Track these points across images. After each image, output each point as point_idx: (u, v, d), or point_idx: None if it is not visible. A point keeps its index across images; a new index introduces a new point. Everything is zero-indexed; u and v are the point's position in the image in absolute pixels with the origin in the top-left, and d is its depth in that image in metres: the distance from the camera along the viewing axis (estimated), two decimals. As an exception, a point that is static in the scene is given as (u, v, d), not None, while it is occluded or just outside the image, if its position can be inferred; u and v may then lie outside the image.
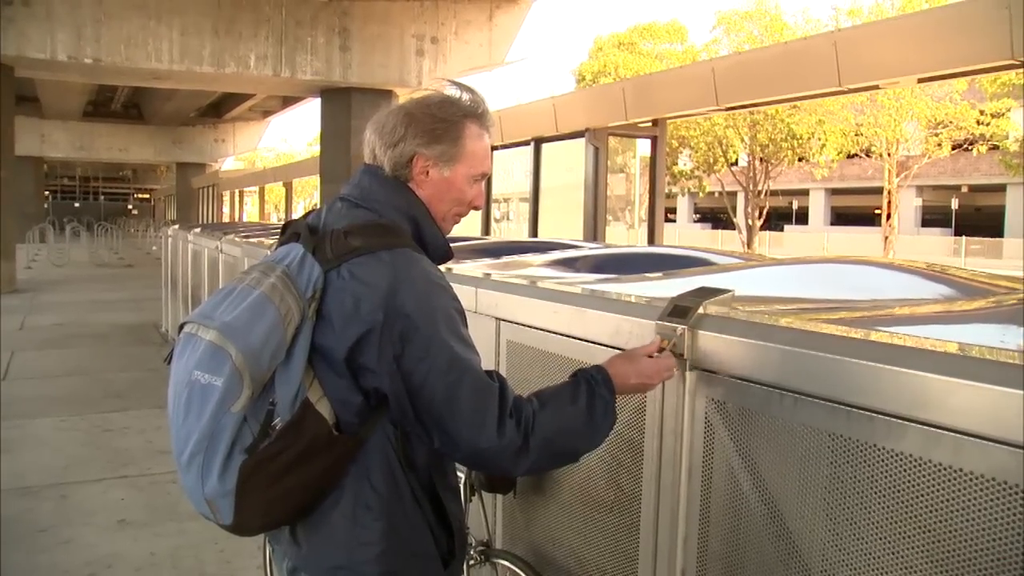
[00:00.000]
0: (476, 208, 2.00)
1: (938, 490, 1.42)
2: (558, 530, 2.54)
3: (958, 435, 1.38)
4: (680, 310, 1.97)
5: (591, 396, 1.82)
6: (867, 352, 1.58)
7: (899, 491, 1.48)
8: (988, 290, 2.62)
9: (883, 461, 1.51)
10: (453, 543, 1.92)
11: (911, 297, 2.59)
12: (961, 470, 1.38)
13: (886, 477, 1.50)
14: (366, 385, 1.73)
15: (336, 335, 1.72)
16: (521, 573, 2.47)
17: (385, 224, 1.83)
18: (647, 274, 3.07)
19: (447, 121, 1.87)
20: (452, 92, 1.92)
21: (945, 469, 1.41)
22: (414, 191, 1.89)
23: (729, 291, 2.05)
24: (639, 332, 2.07)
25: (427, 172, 1.88)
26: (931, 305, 2.43)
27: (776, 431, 1.74)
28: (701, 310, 1.94)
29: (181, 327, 1.81)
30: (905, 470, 1.47)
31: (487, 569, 2.65)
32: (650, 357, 1.90)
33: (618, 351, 2.16)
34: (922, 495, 1.44)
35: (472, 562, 2.60)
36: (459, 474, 2.64)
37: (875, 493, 1.53)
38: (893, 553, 1.49)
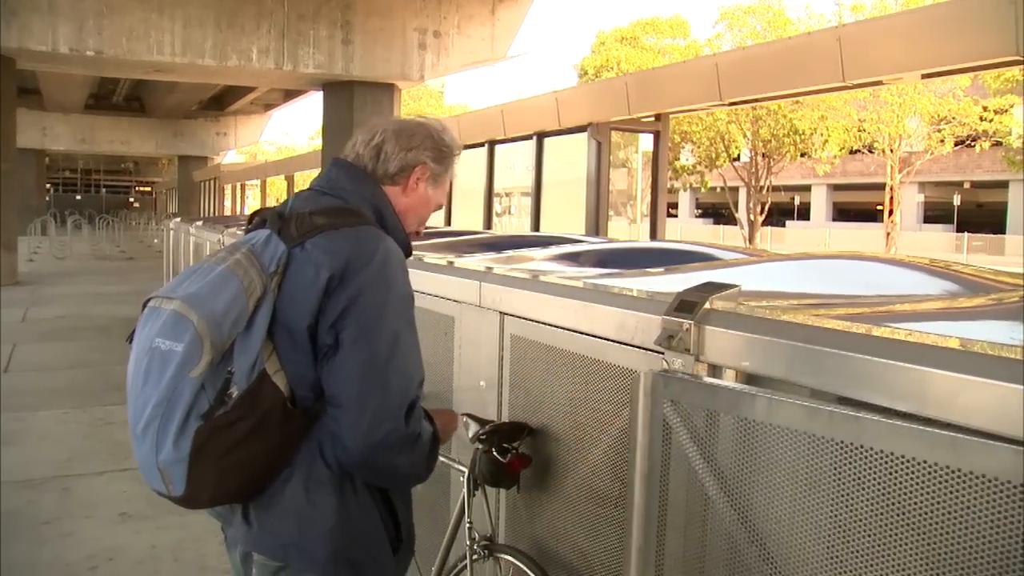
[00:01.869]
0: (419, 233, 2.16)
1: (933, 492, 1.40)
2: (561, 525, 2.53)
3: (956, 434, 1.37)
4: (686, 305, 1.96)
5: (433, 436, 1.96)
6: (874, 348, 1.57)
7: (893, 493, 1.46)
8: (992, 286, 2.62)
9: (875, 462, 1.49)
10: (400, 530, 1.97)
11: (916, 293, 2.58)
12: (959, 470, 1.36)
13: (878, 478, 1.49)
14: (322, 356, 1.80)
15: (298, 307, 1.79)
16: (524, 568, 2.47)
17: (350, 208, 1.94)
18: (651, 269, 3.07)
19: (449, 151, 2.11)
20: (449, 132, 2.15)
21: (942, 469, 1.39)
22: (380, 187, 2.03)
23: (735, 286, 2.05)
24: (645, 327, 2.06)
25: (419, 183, 2.06)
26: (936, 301, 2.42)
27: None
28: (707, 305, 1.93)
29: (145, 304, 1.87)
30: (898, 471, 1.46)
31: (490, 564, 2.65)
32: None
33: (623, 345, 2.16)
34: (916, 497, 1.43)
35: (475, 557, 2.60)
36: (462, 468, 2.64)
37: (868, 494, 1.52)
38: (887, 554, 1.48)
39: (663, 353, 1.99)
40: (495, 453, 2.48)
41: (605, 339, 2.25)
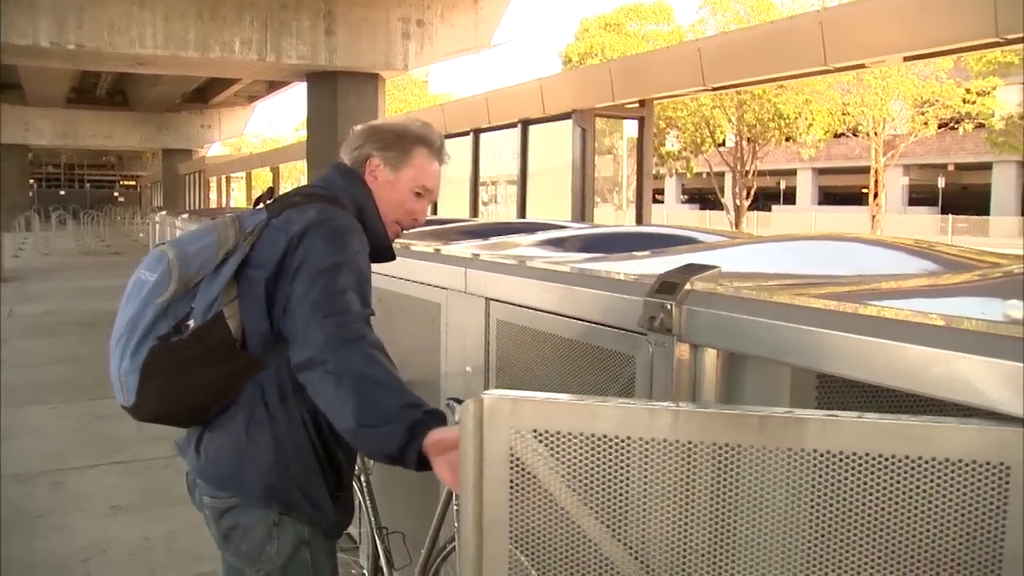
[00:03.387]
0: (417, 223, 2.34)
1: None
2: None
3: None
4: (668, 286, 1.99)
5: (410, 418, 1.80)
6: (852, 325, 1.61)
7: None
8: (973, 265, 2.66)
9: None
10: (340, 482, 2.17)
11: (897, 272, 2.62)
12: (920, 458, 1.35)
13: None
14: (276, 311, 2.01)
15: (263, 263, 2.02)
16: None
17: (329, 195, 2.19)
18: (635, 252, 3.10)
19: (401, 136, 2.27)
20: (412, 122, 2.33)
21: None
22: (367, 185, 2.24)
23: (716, 267, 2.08)
24: (628, 309, 2.09)
25: (376, 175, 2.25)
26: (915, 280, 2.46)
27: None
28: (688, 286, 1.96)
29: None
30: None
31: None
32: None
33: (607, 328, 2.19)
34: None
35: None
36: None
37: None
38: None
39: (646, 334, 2.02)
40: None
41: (589, 322, 2.28)
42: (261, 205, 2.19)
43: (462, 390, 2.94)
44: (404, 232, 2.36)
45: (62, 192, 69.73)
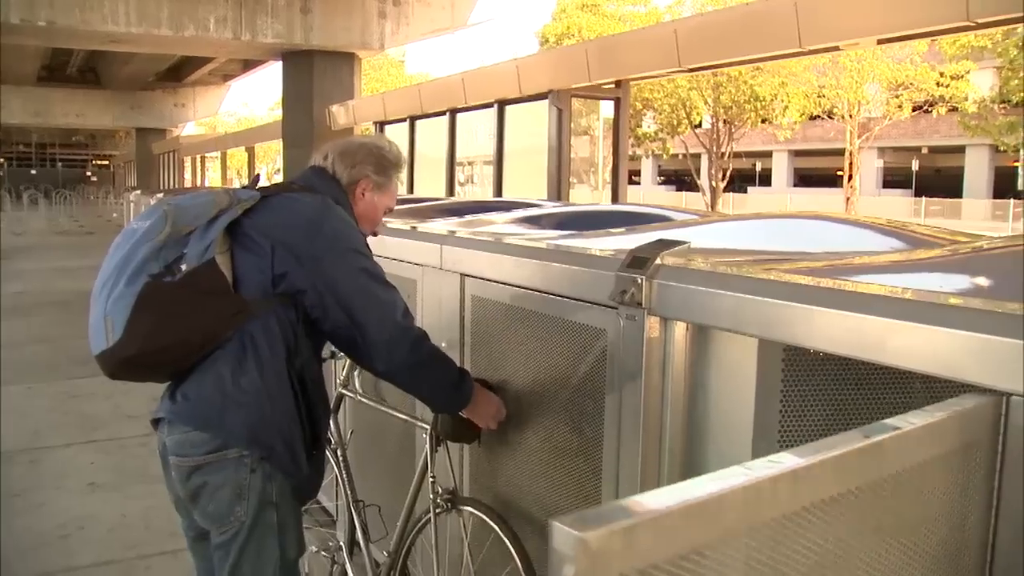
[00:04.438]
0: (375, 234, 2.59)
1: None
2: (523, 477, 2.62)
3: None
4: (638, 261, 2.04)
5: (461, 378, 2.41)
6: (816, 298, 1.66)
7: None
8: (935, 243, 2.73)
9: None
10: (316, 441, 2.31)
11: (862, 249, 2.68)
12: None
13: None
14: (278, 271, 2.15)
15: (265, 227, 2.18)
16: (485, 518, 2.55)
17: (320, 192, 2.37)
18: (608, 230, 3.14)
19: (389, 163, 2.52)
20: (393, 147, 2.58)
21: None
22: (351, 201, 2.45)
23: (685, 243, 2.13)
24: (600, 283, 2.14)
25: (364, 193, 2.47)
26: (880, 256, 2.52)
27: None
28: (659, 260, 2.01)
29: None
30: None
31: (453, 516, 2.73)
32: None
33: (579, 302, 2.24)
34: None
35: (439, 510, 2.68)
36: (424, 424, 2.72)
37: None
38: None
39: (617, 308, 2.07)
40: None
41: (562, 296, 2.33)
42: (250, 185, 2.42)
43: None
44: None
45: (33, 171, 68.66)
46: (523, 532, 2.45)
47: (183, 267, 2.10)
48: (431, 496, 2.69)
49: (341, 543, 3.38)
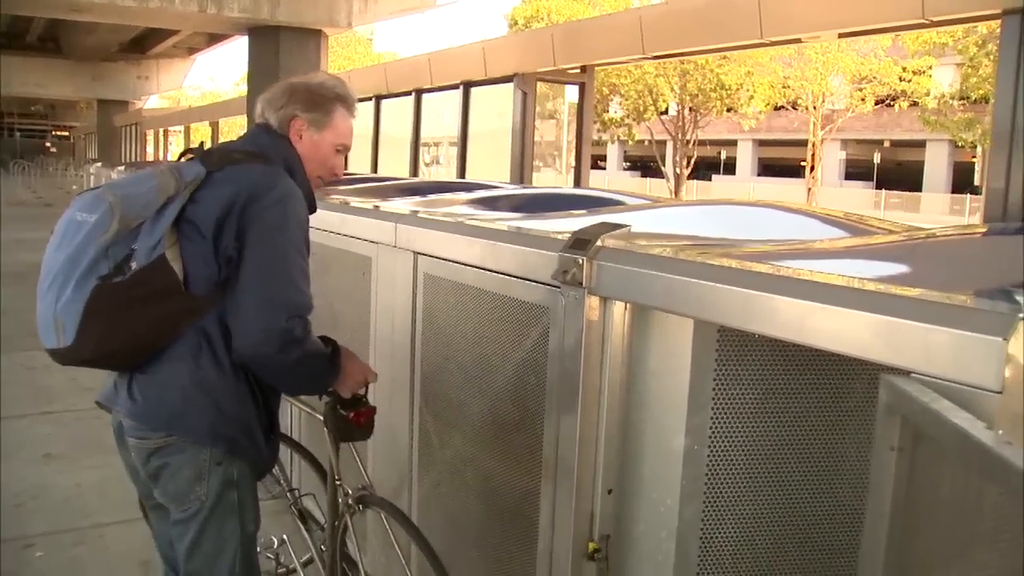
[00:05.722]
0: (337, 177, 2.50)
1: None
2: (470, 450, 2.70)
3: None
4: (580, 243, 2.13)
5: (326, 369, 2.28)
6: (746, 281, 1.76)
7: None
8: (874, 233, 2.84)
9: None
10: (272, 424, 2.34)
11: (803, 237, 2.79)
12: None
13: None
14: (221, 257, 2.10)
15: (208, 212, 2.10)
16: (390, 521, 2.57)
17: (264, 154, 2.28)
18: (559, 212, 3.23)
19: (322, 96, 2.37)
20: (327, 79, 2.43)
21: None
22: (293, 145, 2.35)
23: (627, 226, 2.22)
24: (544, 263, 2.22)
25: (301, 134, 2.35)
26: (817, 244, 2.63)
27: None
28: (599, 242, 2.10)
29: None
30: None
31: (370, 515, 2.75)
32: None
33: (525, 281, 2.33)
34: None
35: (352, 512, 2.68)
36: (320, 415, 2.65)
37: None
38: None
39: (559, 287, 2.16)
40: (340, 409, 2.46)
41: (509, 275, 2.42)
42: (191, 156, 2.24)
43: (389, 340, 3.06)
44: (325, 185, 2.51)
45: (-11, 141, 67.42)
46: (469, 512, 2.50)
47: (133, 265, 2.05)
48: (340, 499, 2.68)
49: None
